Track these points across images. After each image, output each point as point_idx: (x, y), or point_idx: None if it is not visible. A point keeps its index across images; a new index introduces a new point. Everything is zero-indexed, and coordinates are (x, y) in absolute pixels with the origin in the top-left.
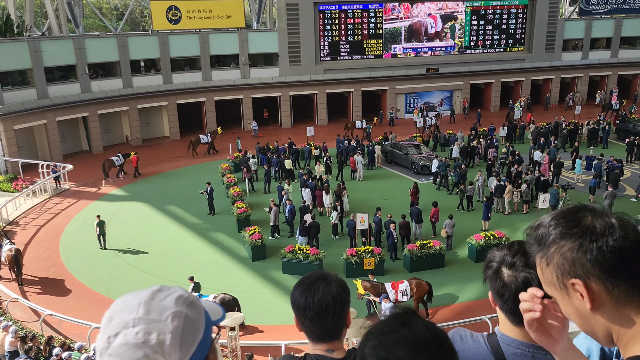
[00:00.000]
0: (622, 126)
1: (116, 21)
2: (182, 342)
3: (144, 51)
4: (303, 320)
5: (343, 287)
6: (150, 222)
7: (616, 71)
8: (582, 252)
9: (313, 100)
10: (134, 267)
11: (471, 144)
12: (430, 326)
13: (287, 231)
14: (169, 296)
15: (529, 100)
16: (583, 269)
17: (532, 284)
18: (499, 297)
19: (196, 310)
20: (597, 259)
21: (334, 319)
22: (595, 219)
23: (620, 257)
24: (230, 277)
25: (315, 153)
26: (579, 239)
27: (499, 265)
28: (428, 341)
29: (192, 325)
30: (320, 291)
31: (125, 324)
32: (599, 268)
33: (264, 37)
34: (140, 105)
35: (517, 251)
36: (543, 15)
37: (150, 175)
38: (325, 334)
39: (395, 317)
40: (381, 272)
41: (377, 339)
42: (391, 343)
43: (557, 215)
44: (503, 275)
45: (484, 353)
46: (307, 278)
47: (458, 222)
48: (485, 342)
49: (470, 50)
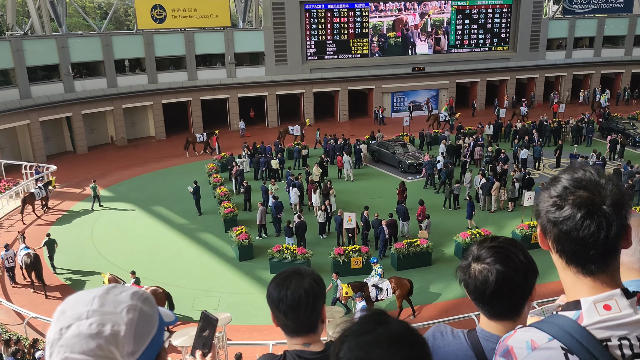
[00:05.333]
0: (605, 124)
1: (100, 20)
2: (136, 335)
3: (129, 50)
4: (277, 314)
5: (317, 281)
6: (136, 223)
7: (599, 70)
8: (548, 221)
9: (300, 99)
10: (120, 269)
11: (457, 142)
12: (404, 324)
13: (274, 230)
14: (124, 292)
15: (513, 99)
16: (542, 228)
17: (489, 279)
18: (465, 288)
19: (151, 306)
20: (553, 231)
21: (306, 312)
22: (582, 199)
23: (569, 239)
24: (218, 277)
25: (304, 153)
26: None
27: (470, 258)
28: (405, 338)
29: (146, 319)
30: (293, 285)
31: (78, 315)
32: (551, 236)
33: (250, 36)
34: (125, 105)
35: (487, 246)
36: (527, 14)
37: (136, 176)
38: (299, 328)
39: (369, 317)
40: (369, 271)
41: (353, 340)
42: (369, 343)
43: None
44: (470, 268)
45: (464, 349)
46: (282, 273)
47: (444, 220)
48: (466, 338)
49: (455, 49)
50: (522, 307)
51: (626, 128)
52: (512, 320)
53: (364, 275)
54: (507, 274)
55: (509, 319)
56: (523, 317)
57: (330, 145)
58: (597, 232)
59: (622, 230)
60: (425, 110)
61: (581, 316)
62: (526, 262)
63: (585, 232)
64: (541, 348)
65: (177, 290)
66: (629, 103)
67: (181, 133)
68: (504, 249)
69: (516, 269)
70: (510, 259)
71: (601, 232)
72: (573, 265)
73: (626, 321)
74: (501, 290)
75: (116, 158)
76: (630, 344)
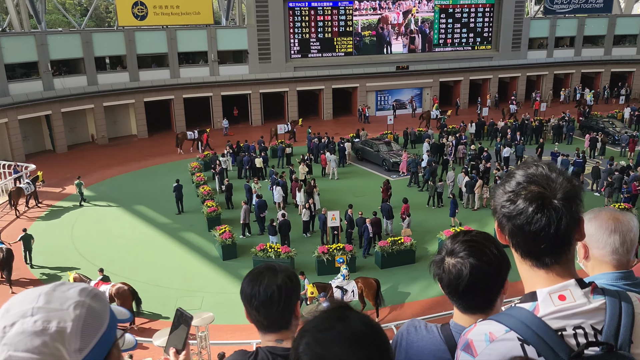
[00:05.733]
0: (585, 123)
1: (80, 17)
2: (83, 331)
3: (109, 48)
4: (250, 310)
5: (291, 277)
6: (118, 222)
7: (579, 69)
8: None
9: (284, 98)
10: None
11: (441, 140)
12: (367, 320)
13: (258, 229)
14: (72, 288)
15: (496, 97)
16: (499, 223)
17: (462, 273)
18: (439, 282)
19: (100, 303)
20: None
21: (279, 308)
22: (532, 194)
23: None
24: (201, 276)
25: (287, 151)
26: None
27: (444, 253)
28: (365, 336)
29: (95, 316)
30: (266, 281)
31: (23, 313)
32: (506, 231)
33: (233, 34)
34: (106, 103)
35: (460, 240)
36: (509, 14)
37: (117, 175)
38: (272, 324)
39: (330, 313)
40: (353, 269)
41: (312, 336)
42: (327, 340)
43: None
44: (444, 263)
45: (438, 343)
46: (256, 269)
47: (428, 218)
48: (439, 332)
49: (439, 48)
50: (495, 300)
51: (606, 126)
52: (485, 314)
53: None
54: (480, 267)
55: (482, 312)
56: (496, 310)
57: (314, 143)
58: (547, 226)
59: (573, 223)
60: (409, 109)
61: (537, 307)
62: (499, 255)
63: (537, 226)
64: (499, 340)
65: (160, 290)
66: (609, 102)
67: (164, 132)
68: (477, 243)
69: (489, 263)
70: (484, 253)
71: (552, 226)
72: (528, 258)
73: (580, 310)
74: (474, 283)
75: (97, 157)
76: (584, 333)
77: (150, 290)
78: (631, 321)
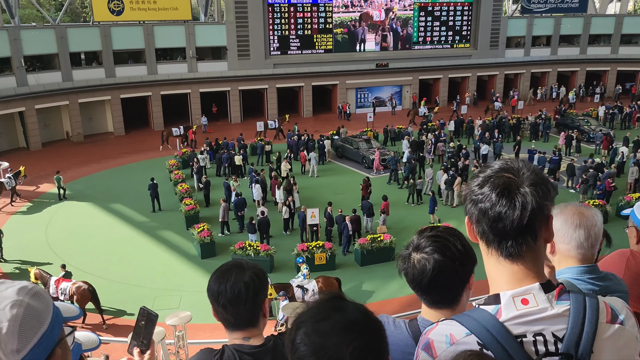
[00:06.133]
0: (561, 121)
1: (55, 12)
2: (21, 332)
3: (85, 43)
4: (217, 307)
5: (258, 275)
6: (94, 221)
7: (556, 68)
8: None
9: (263, 95)
10: (76, 269)
11: (420, 138)
12: (362, 309)
13: (237, 227)
14: (10, 287)
15: (474, 95)
16: (469, 214)
17: (426, 268)
18: (405, 277)
19: (41, 301)
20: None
21: (246, 306)
22: (504, 187)
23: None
24: (179, 275)
25: (267, 149)
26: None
27: (410, 248)
28: (363, 324)
29: (35, 315)
30: (234, 278)
31: None
32: (473, 219)
33: (212, 30)
34: (82, 99)
35: (426, 235)
36: (487, 12)
37: (93, 173)
38: (239, 322)
39: (326, 303)
40: (332, 267)
41: (309, 326)
42: (326, 329)
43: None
44: (410, 258)
45: (405, 338)
46: (223, 266)
47: (408, 215)
48: (407, 327)
49: (418, 46)
50: (460, 295)
51: (581, 124)
52: (450, 309)
53: (329, 272)
54: (444, 262)
55: (447, 307)
56: (462, 305)
57: (293, 140)
58: (511, 210)
59: (540, 215)
60: (389, 107)
61: (500, 310)
62: (463, 250)
63: (499, 209)
64: (459, 343)
65: (137, 289)
66: (584, 100)
67: (141, 129)
68: (442, 238)
69: (453, 258)
70: (448, 248)
71: (515, 211)
72: (492, 246)
73: (542, 316)
74: (438, 279)
75: (72, 154)
76: (544, 340)
77: (126, 290)
78: (594, 330)
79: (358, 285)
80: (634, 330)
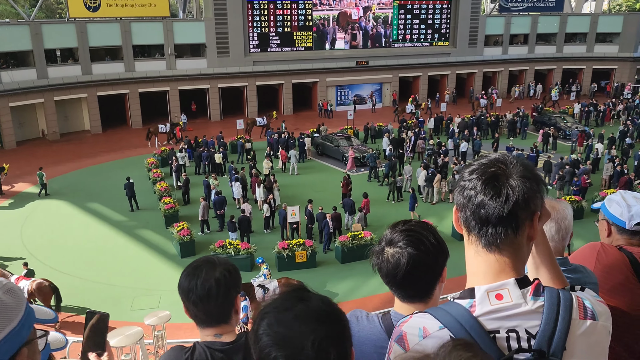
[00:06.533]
0: (538, 118)
1: (29, 8)
2: None
3: (60, 40)
4: (187, 304)
5: (230, 271)
6: (71, 220)
7: (533, 66)
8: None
9: (243, 92)
10: (52, 269)
11: (401, 135)
12: (326, 300)
13: (217, 225)
14: None
15: (454, 93)
16: (457, 202)
17: (400, 262)
18: (379, 271)
19: (14, 298)
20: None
21: (217, 302)
22: (492, 175)
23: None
24: (158, 275)
25: (247, 147)
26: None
27: (384, 243)
28: (326, 314)
29: (4, 310)
30: (204, 274)
31: None
32: (459, 207)
33: (191, 27)
34: (57, 97)
35: (399, 229)
36: (466, 11)
37: (69, 172)
38: (210, 319)
39: (290, 294)
40: (313, 265)
41: (273, 317)
42: (289, 319)
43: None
44: (383, 253)
45: (378, 332)
46: (194, 262)
47: (388, 212)
48: (380, 321)
49: (398, 44)
50: (433, 288)
51: (557, 122)
52: (423, 302)
53: (309, 270)
54: (418, 256)
55: (420, 300)
56: (434, 298)
57: (273, 138)
58: (494, 199)
59: (525, 208)
60: (369, 104)
61: (474, 305)
62: (437, 244)
63: (483, 197)
64: (431, 336)
65: (115, 289)
66: (560, 98)
67: (118, 127)
68: (416, 232)
69: (427, 252)
70: (422, 242)
71: (499, 199)
72: (473, 233)
73: (516, 312)
74: (412, 273)
75: (48, 153)
76: (517, 337)
77: (104, 290)
78: (567, 327)
79: (339, 283)
80: (607, 324)
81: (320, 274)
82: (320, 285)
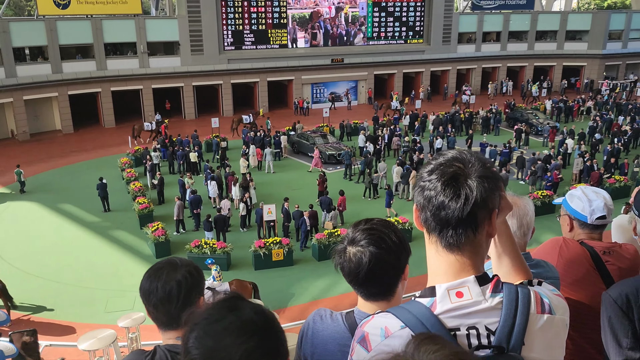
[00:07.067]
0: (511, 114)
1: None
2: None
3: (29, 38)
4: (148, 307)
5: (192, 273)
6: (42, 222)
7: (505, 63)
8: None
9: (218, 90)
10: (23, 272)
11: (376, 133)
12: (259, 309)
13: (193, 225)
14: None
15: (428, 90)
16: (417, 202)
17: (362, 261)
18: (341, 271)
19: None
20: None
21: (178, 304)
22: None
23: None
24: (132, 276)
25: (222, 145)
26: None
27: (346, 242)
28: (256, 325)
29: None
30: (165, 276)
31: None
32: (419, 206)
33: (163, 24)
34: (27, 96)
35: (361, 228)
36: (439, 8)
37: (40, 172)
38: (172, 322)
39: (221, 304)
40: (290, 263)
41: (202, 329)
42: (218, 331)
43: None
44: (345, 252)
45: (342, 331)
46: (157, 264)
47: (365, 209)
48: (344, 320)
49: (373, 41)
50: (396, 286)
51: (529, 118)
52: (386, 300)
53: (286, 268)
54: (379, 255)
55: (383, 299)
56: (397, 296)
57: (249, 137)
58: (454, 200)
59: (483, 208)
60: (345, 102)
61: (435, 303)
62: (398, 242)
63: (443, 198)
64: (393, 336)
65: (89, 291)
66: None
67: (90, 126)
68: (377, 231)
69: (389, 250)
70: (383, 240)
71: (458, 201)
72: (433, 234)
73: (475, 309)
74: (374, 271)
75: (18, 153)
76: (477, 334)
77: (76, 292)
78: (525, 322)
79: (315, 280)
80: (564, 318)
81: (297, 272)
82: (297, 284)
